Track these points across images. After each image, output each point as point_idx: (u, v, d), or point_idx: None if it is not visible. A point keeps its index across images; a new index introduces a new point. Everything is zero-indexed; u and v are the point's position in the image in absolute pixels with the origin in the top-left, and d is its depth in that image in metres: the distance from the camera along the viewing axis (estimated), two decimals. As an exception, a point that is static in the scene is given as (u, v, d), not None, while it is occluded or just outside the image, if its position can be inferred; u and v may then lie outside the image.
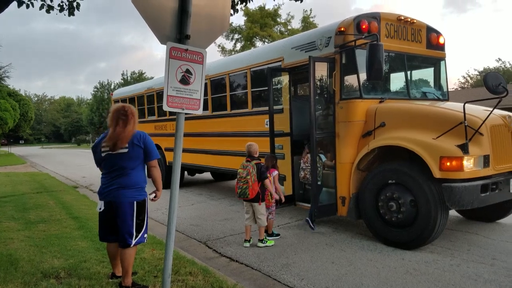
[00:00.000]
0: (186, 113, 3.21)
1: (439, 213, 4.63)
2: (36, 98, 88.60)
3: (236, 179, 5.30)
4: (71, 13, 7.73)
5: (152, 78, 33.96)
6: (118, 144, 3.38)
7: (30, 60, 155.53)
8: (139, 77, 56.93)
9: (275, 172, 5.66)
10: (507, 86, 4.46)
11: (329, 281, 4.03)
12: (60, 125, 79.17)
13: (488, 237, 5.41)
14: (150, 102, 11.30)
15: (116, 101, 12.83)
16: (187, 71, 3.14)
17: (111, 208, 3.49)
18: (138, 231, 3.51)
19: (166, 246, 3.17)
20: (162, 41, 3.09)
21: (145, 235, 3.62)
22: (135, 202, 3.47)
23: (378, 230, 5.24)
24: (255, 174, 5.11)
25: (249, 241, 5.35)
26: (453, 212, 6.18)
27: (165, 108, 3.06)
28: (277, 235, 5.72)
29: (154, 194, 3.63)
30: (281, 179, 6.76)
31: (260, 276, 4.27)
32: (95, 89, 60.84)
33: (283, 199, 5.61)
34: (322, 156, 5.96)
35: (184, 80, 3.13)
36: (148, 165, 3.59)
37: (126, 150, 3.42)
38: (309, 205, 5.85)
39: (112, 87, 60.23)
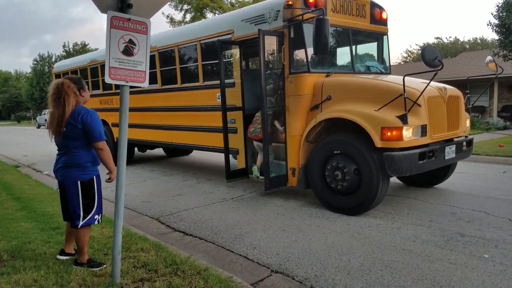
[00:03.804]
0: (131, 86, 3.11)
1: (380, 180, 4.92)
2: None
3: (252, 121, 6.26)
4: None
5: (96, 49, 32.19)
6: (56, 129, 3.26)
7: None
8: (82, 49, 53.60)
9: None
10: (442, 59, 4.71)
11: (280, 248, 4.19)
12: (-3, 101, 73.44)
13: (426, 201, 5.82)
14: (94, 75, 10.75)
15: (57, 75, 12.08)
16: (130, 41, 3.02)
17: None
18: (86, 212, 3.37)
19: (114, 223, 3.12)
20: (103, 10, 2.94)
21: (96, 217, 3.45)
22: (79, 182, 3.32)
23: (325, 198, 5.49)
24: None
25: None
26: (394, 179, 6.58)
27: (108, 80, 2.95)
28: None
29: (108, 177, 3.46)
30: (234, 152, 6.83)
31: (213, 248, 4.35)
32: (35, 62, 56.75)
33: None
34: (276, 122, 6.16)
35: (127, 51, 3.01)
36: (93, 147, 3.37)
37: (64, 129, 3.27)
38: (262, 178, 5.99)
39: (54, 59, 56.46)
